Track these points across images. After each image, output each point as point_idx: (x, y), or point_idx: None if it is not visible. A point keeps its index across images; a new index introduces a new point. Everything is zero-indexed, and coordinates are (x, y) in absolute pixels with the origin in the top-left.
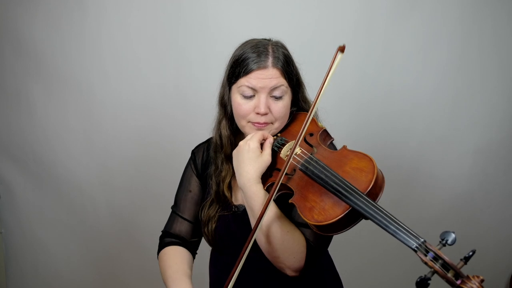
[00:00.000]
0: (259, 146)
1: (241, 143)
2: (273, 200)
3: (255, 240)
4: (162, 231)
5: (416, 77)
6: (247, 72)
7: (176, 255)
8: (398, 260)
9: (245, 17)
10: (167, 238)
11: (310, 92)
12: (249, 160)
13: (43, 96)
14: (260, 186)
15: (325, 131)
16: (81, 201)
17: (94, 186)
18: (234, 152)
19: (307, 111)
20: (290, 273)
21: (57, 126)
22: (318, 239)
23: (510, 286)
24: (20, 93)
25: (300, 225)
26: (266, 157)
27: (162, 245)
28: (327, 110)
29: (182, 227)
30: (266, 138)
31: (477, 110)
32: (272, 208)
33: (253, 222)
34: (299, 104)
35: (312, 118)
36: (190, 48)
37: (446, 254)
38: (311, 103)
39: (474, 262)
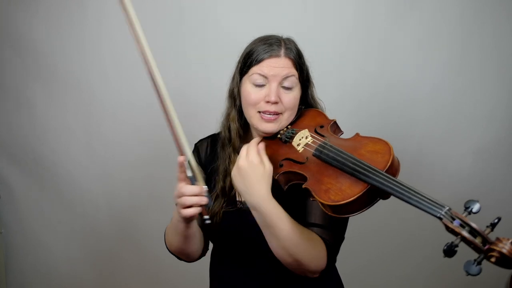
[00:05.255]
0: (258, 157)
1: (240, 162)
2: (285, 190)
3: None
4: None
5: (416, 77)
6: (259, 60)
7: None
8: (400, 260)
9: (245, 17)
10: None
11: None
12: (257, 178)
13: (43, 96)
14: (275, 201)
15: (335, 123)
16: (81, 201)
17: (94, 186)
18: (235, 173)
19: (315, 108)
20: (311, 275)
21: (57, 126)
22: (333, 235)
23: (510, 286)
24: (20, 93)
25: (311, 225)
26: (268, 166)
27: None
28: (329, 108)
29: None
30: (257, 144)
31: (477, 109)
32: (288, 221)
33: (272, 240)
34: (308, 101)
35: (321, 112)
36: (190, 48)
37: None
38: (318, 101)
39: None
